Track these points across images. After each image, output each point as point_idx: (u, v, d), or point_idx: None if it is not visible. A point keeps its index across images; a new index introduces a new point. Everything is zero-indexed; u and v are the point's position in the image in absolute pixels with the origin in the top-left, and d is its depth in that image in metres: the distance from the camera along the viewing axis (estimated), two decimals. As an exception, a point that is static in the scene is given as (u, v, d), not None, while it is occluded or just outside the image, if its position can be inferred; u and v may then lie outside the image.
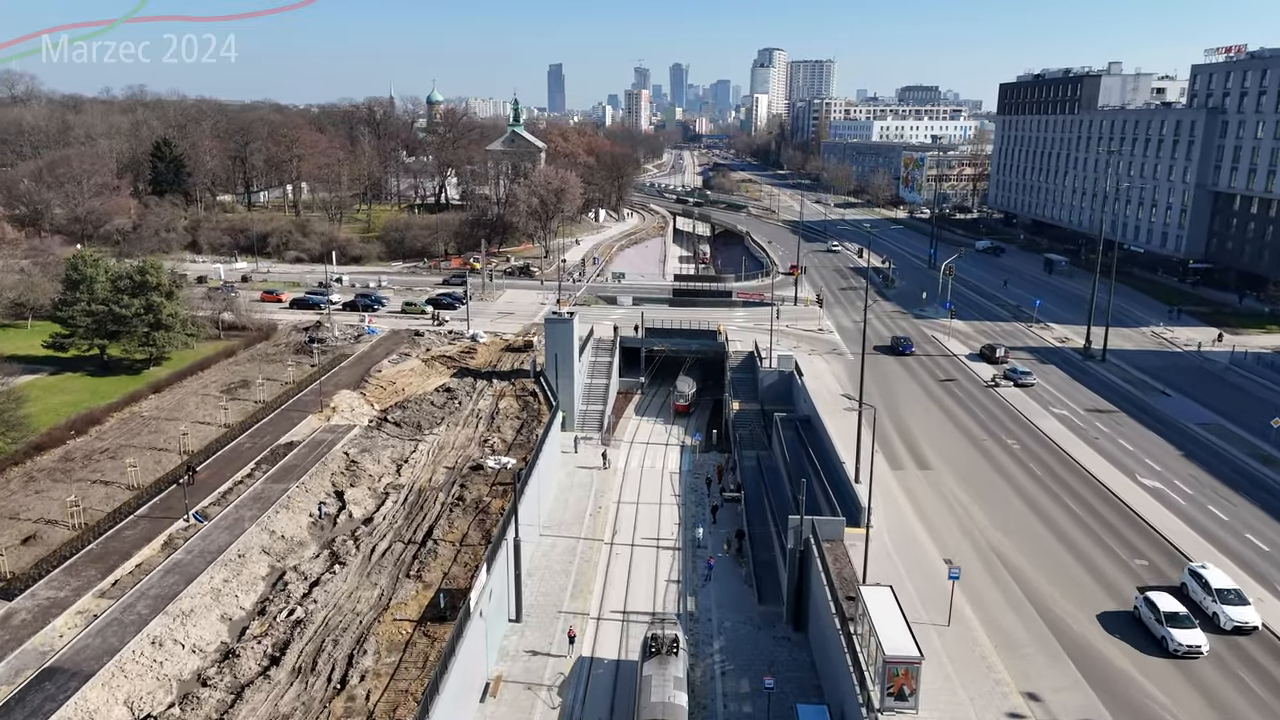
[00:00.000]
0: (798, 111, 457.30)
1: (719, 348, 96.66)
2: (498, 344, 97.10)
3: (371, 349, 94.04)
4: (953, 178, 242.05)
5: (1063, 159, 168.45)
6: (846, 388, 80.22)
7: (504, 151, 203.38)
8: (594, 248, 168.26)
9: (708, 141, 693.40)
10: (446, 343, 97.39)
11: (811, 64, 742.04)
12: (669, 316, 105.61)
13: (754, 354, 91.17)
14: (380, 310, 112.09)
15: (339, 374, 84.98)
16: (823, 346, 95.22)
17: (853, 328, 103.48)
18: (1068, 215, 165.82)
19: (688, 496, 70.33)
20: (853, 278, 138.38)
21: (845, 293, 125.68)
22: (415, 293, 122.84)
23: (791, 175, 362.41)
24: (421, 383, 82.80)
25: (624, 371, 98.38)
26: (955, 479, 59.84)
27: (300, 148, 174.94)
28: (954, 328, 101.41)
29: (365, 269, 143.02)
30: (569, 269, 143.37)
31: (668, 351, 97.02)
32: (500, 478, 61.34)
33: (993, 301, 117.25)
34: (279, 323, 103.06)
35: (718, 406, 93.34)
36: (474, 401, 77.96)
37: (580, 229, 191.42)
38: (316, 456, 64.06)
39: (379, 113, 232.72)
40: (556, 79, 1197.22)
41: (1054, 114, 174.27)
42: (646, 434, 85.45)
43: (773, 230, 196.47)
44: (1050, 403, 75.80)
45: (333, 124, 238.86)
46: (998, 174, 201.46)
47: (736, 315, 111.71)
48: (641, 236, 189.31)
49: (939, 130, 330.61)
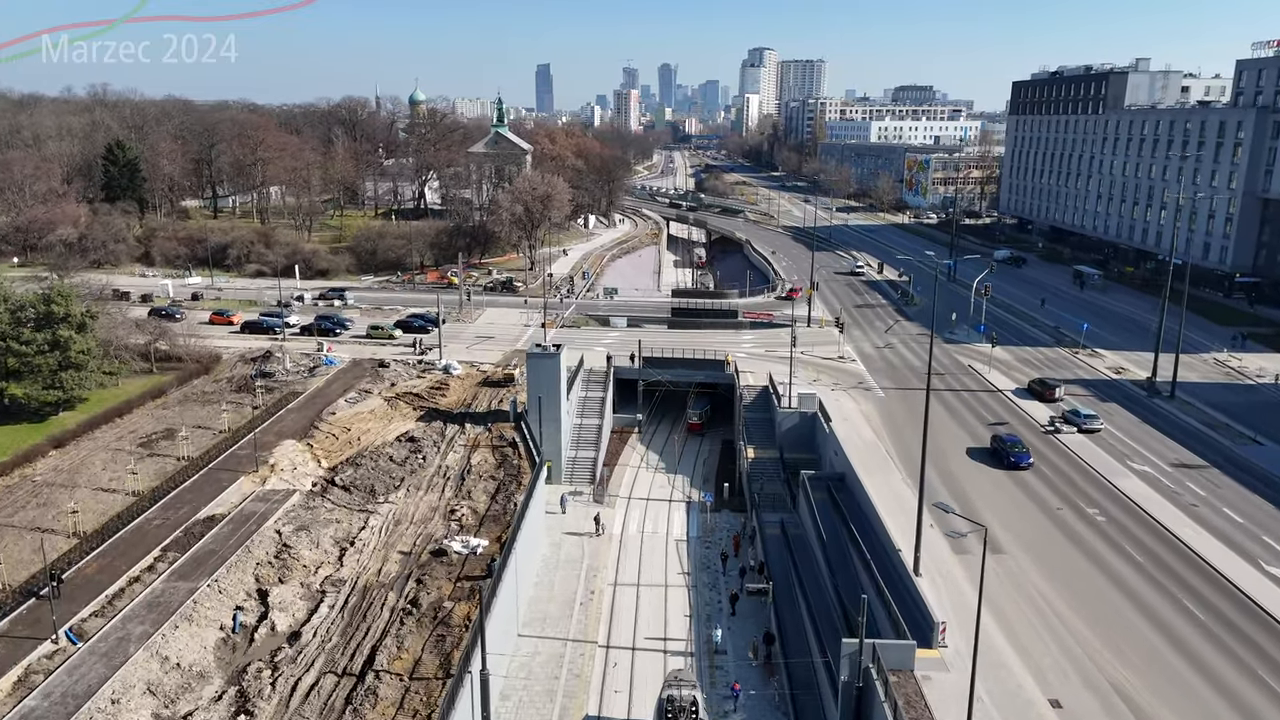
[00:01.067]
0: (791, 112, 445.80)
1: (727, 380, 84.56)
2: (473, 377, 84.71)
3: (327, 384, 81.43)
4: (959, 181, 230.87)
5: (1084, 162, 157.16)
6: (882, 434, 68.24)
7: (487, 154, 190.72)
8: (583, 258, 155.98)
9: (698, 142, 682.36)
10: (415, 375, 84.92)
11: (802, 64, 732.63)
12: (668, 342, 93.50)
13: (769, 389, 79.09)
14: (343, 334, 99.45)
15: (285, 418, 72.37)
16: (846, 379, 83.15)
17: (876, 356, 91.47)
18: (1091, 222, 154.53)
19: (699, 575, 58.18)
20: (867, 293, 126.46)
21: (862, 311, 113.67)
22: (385, 313, 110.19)
23: (787, 177, 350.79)
24: (381, 429, 70.34)
25: (619, 407, 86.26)
26: (1037, 568, 47.86)
27: (266, 150, 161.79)
28: (992, 355, 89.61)
29: (332, 284, 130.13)
30: (556, 283, 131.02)
31: (668, 385, 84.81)
32: (468, 568, 49.02)
33: (1027, 322, 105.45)
34: (224, 352, 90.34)
35: (727, 450, 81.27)
36: (442, 455, 65.57)
37: (569, 237, 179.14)
38: (241, 538, 51.56)
39: (355, 113, 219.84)
40: (544, 79, 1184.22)
41: (1074, 114, 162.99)
42: (646, 484, 73.26)
43: (774, 238, 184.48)
44: (1126, 455, 63.96)
45: (310, 125, 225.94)
46: (1010, 177, 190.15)
47: (744, 339, 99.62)
48: (634, 244, 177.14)
49: (940, 131, 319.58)
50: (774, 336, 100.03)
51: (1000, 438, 64.26)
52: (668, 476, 74.77)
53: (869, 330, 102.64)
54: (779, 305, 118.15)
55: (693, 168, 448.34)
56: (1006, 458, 61.79)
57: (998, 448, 63.31)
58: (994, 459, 62.91)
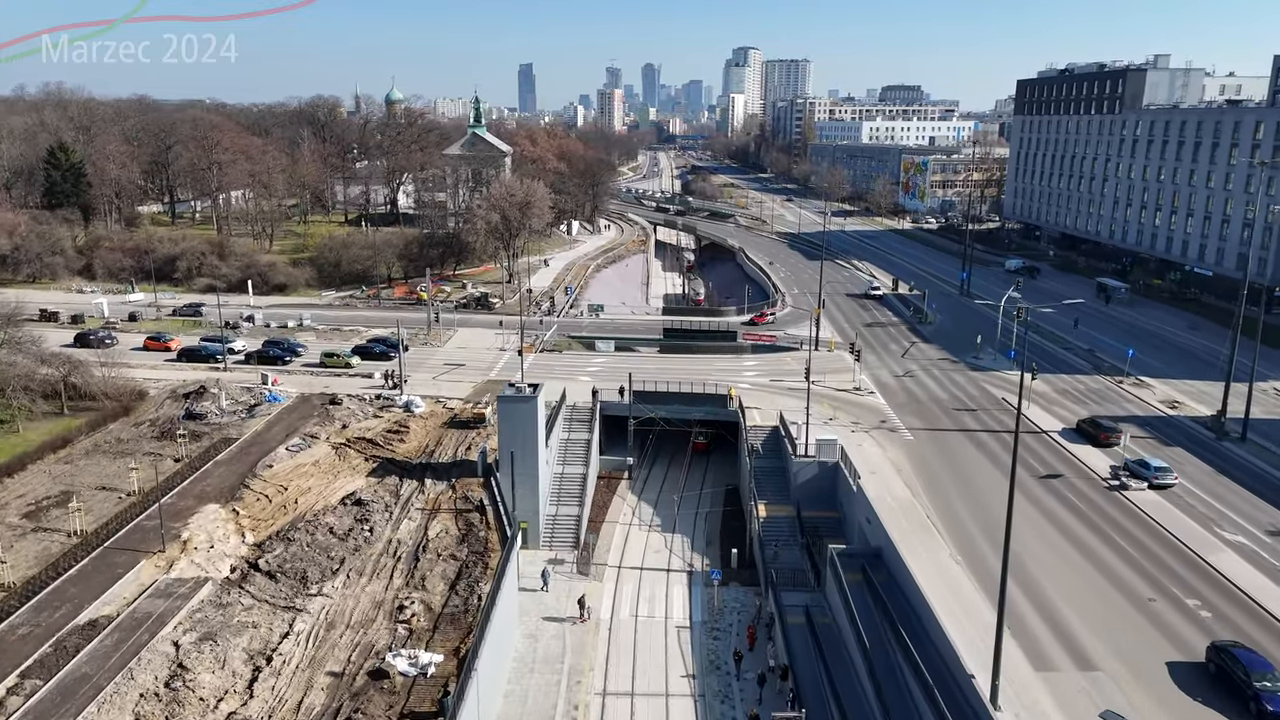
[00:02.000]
0: (779, 112, 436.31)
1: (731, 417, 73.88)
2: (438, 416, 73.68)
3: (268, 428, 70.14)
4: (959, 184, 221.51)
5: (1099, 165, 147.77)
6: (918, 491, 57.76)
7: (463, 156, 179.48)
8: (566, 268, 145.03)
9: (683, 142, 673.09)
10: (371, 414, 73.77)
11: (787, 63, 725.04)
12: (662, 371, 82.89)
13: (780, 431, 68.55)
14: (294, 362, 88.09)
15: (211, 474, 61.12)
16: (866, 416, 72.67)
17: (897, 386, 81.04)
18: (1107, 229, 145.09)
19: (706, 679, 47.47)
20: (876, 309, 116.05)
21: (874, 331, 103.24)
22: (344, 334, 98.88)
23: (776, 179, 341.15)
24: (325, 487, 59.25)
25: (607, 448, 75.56)
26: (1146, 695, 37.47)
27: (223, 152, 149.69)
28: (1027, 385, 79.48)
29: (290, 300, 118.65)
30: (536, 298, 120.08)
31: (663, 423, 74.03)
32: (415, 698, 38.13)
33: (1057, 344, 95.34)
34: (152, 387, 78.82)
35: (732, 499, 70.70)
36: (394, 523, 54.58)
37: (551, 244, 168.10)
38: (126, 656, 40.43)
39: (324, 113, 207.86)
40: (527, 78, 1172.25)
41: (1086, 114, 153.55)
42: (639, 548, 62.49)
43: (769, 247, 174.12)
44: (1211, 519, 53.76)
45: (281, 126, 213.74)
46: (1015, 180, 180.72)
47: (746, 365, 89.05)
48: (620, 253, 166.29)
49: (934, 132, 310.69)
50: (779, 363, 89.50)
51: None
52: (664, 537, 64.00)
53: (883, 354, 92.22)
54: (781, 323, 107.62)
55: (678, 169, 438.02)
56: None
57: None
58: (1056, 527, 52.57)
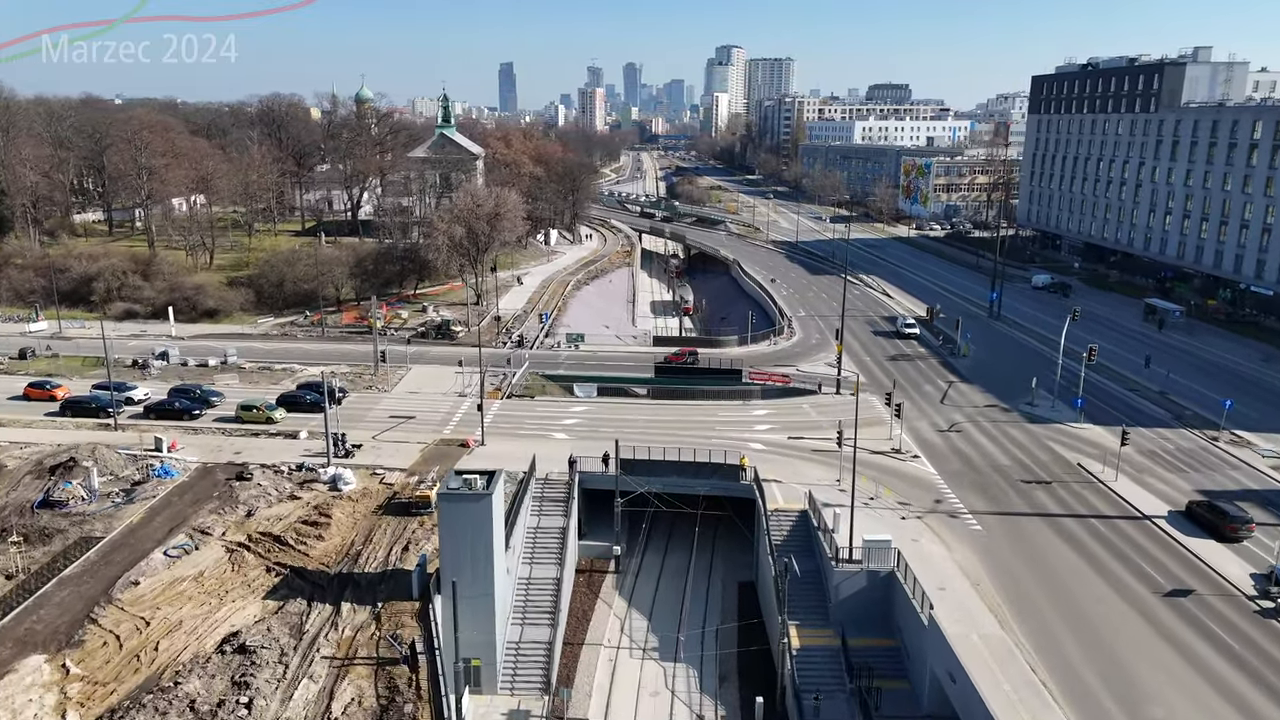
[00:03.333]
0: (766, 111, 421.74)
1: (745, 493, 58.61)
2: (372, 496, 57.97)
3: (148, 519, 54.21)
4: (964, 187, 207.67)
5: (1131, 169, 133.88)
6: (1008, 618, 42.74)
7: (430, 159, 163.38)
8: (543, 285, 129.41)
9: (665, 142, 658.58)
10: (288, 493, 57.98)
11: (770, 62, 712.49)
12: (654, 421, 67.95)
13: (808, 517, 53.48)
14: (207, 415, 72.07)
15: (51, 598, 45.19)
16: (917, 493, 57.68)
17: (944, 446, 66.05)
18: (1141, 240, 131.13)
19: None
20: (899, 336, 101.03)
21: (899, 366, 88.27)
22: (274, 376, 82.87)
23: (765, 181, 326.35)
24: (203, 620, 43.50)
25: (588, 529, 60.28)
26: None
27: (155, 155, 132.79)
28: (1101, 443, 64.88)
29: (219, 330, 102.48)
30: (506, 324, 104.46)
31: (656, 500, 58.49)
32: None
33: (1119, 383, 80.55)
34: (15, 455, 62.57)
35: (747, 597, 55.52)
36: (285, 688, 38.86)
37: (526, 257, 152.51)
38: None
39: (281, 112, 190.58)
40: (508, 78, 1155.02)
41: (1116, 112, 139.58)
42: (630, 689, 47.20)
43: (766, 258, 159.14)
44: None
45: (241, 126, 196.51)
46: (1031, 185, 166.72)
47: (756, 415, 73.81)
48: (603, 266, 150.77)
49: (932, 131, 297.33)
50: (795, 411, 74.30)
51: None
52: (663, 670, 48.64)
53: (917, 398, 77.11)
54: (790, 355, 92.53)
55: (662, 170, 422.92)
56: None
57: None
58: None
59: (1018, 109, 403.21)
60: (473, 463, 61.81)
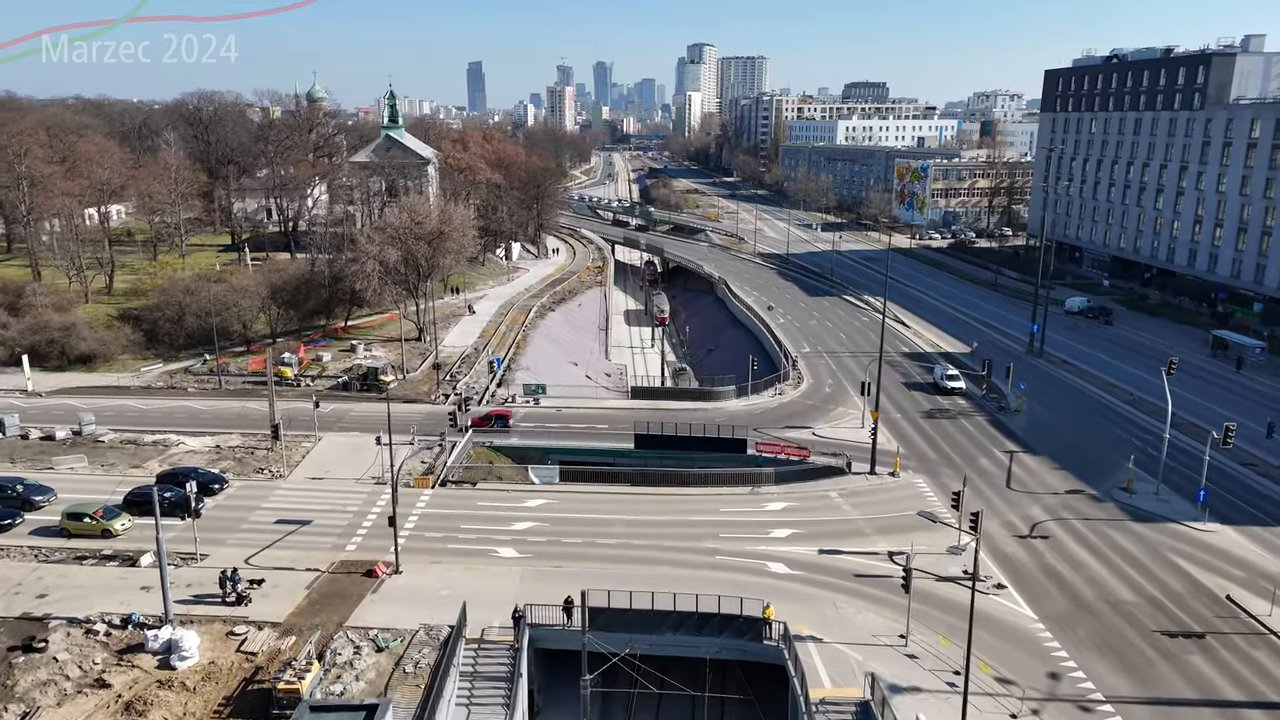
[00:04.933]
0: (742, 110, 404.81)
1: (770, 656, 40.63)
2: (223, 674, 39.08)
3: None
4: (964, 192, 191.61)
5: (1171, 173, 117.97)
6: None
7: (373, 165, 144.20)
8: (500, 312, 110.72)
9: (637, 142, 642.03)
10: (95, 673, 39.05)
11: (743, 60, 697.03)
12: (636, 533, 49.74)
13: (870, 711, 35.58)
14: (22, 523, 52.68)
15: None
16: (1017, 662, 39.90)
17: (1032, 565, 48.29)
18: (1185, 256, 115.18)
19: None
20: (919, 377, 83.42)
21: (938, 425, 70.69)
22: (140, 453, 63.67)
23: (744, 184, 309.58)
24: None
25: (544, 712, 42.07)
26: None
27: (37, 163, 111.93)
28: (1243, 557, 47.70)
29: (89, 382, 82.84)
30: (450, 369, 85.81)
31: (640, 678, 40.27)
32: None
33: (1233, 458, 63.26)
34: None
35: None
36: None
37: (484, 275, 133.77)
38: None
39: (209, 112, 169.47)
40: (476, 77, 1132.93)
41: (1150, 109, 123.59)
42: None
43: (756, 276, 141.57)
44: None
45: (173, 126, 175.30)
46: (1044, 191, 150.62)
47: (770, 512, 55.64)
48: (572, 286, 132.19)
49: (922, 131, 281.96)
50: (821, 501, 56.38)
51: None
52: None
53: (973, 474, 59.26)
54: (802, 410, 74.65)
55: (635, 171, 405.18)
56: None
57: None
58: None
59: (1000, 107, 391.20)
60: (378, 607, 43.52)
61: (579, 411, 74.18)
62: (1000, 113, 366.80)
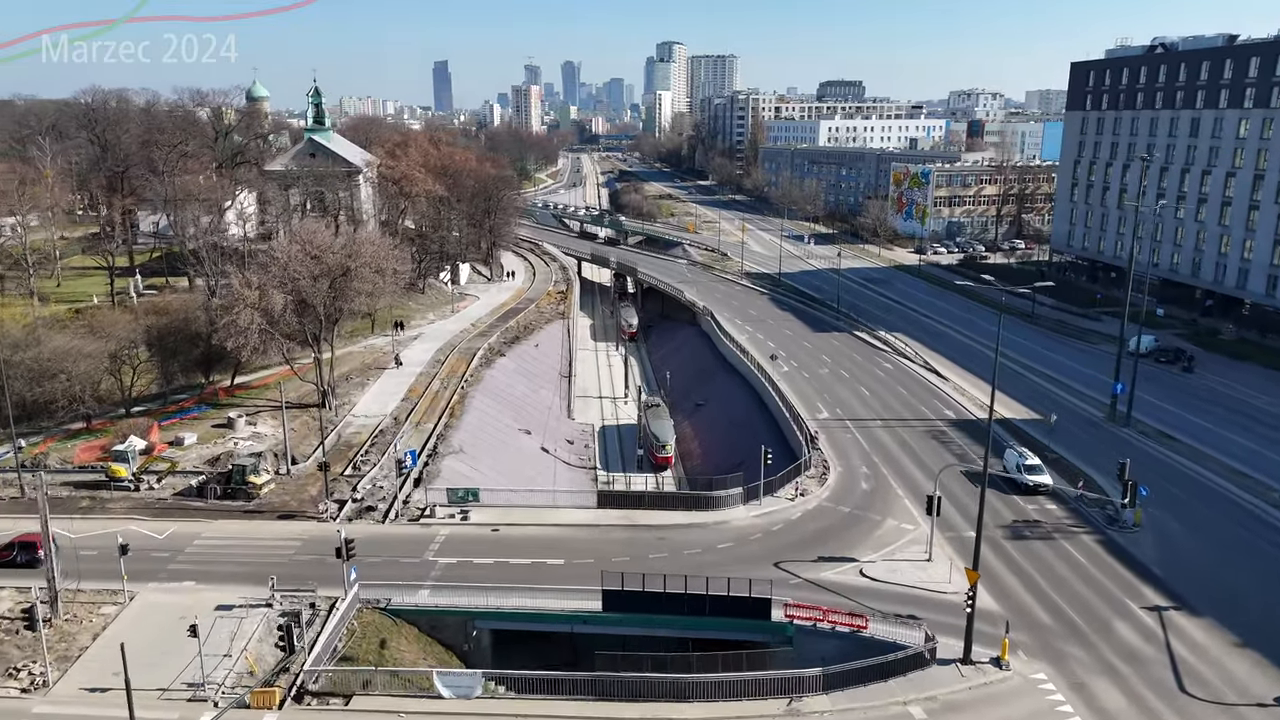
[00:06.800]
0: (716, 110, 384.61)
1: None
2: None
3: None
4: (969, 200, 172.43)
5: (1243, 184, 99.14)
6: None
7: (294, 174, 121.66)
8: (437, 358, 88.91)
9: (606, 143, 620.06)
10: None
11: (713, 59, 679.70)
12: None
13: None
14: None
15: None
16: None
17: None
18: (1262, 282, 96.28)
19: None
20: (976, 458, 62.89)
21: (1029, 551, 50.12)
22: None
23: (720, 188, 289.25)
24: None
25: None
26: None
27: None
28: None
29: None
30: (354, 459, 63.81)
31: None
32: None
33: None
34: None
35: None
36: None
37: (422, 307, 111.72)
38: None
39: (109, 112, 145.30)
40: (442, 76, 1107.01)
41: (1210, 108, 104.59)
42: None
43: (745, 302, 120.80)
44: None
45: (79, 126, 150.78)
46: (1072, 200, 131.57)
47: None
48: (529, 319, 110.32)
49: (914, 132, 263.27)
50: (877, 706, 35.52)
51: None
52: None
53: (1110, 650, 38.91)
54: (842, 522, 53.78)
55: (604, 174, 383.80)
56: None
57: None
58: None
59: (982, 106, 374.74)
60: None
61: (523, 533, 52.63)
62: (983, 112, 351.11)
